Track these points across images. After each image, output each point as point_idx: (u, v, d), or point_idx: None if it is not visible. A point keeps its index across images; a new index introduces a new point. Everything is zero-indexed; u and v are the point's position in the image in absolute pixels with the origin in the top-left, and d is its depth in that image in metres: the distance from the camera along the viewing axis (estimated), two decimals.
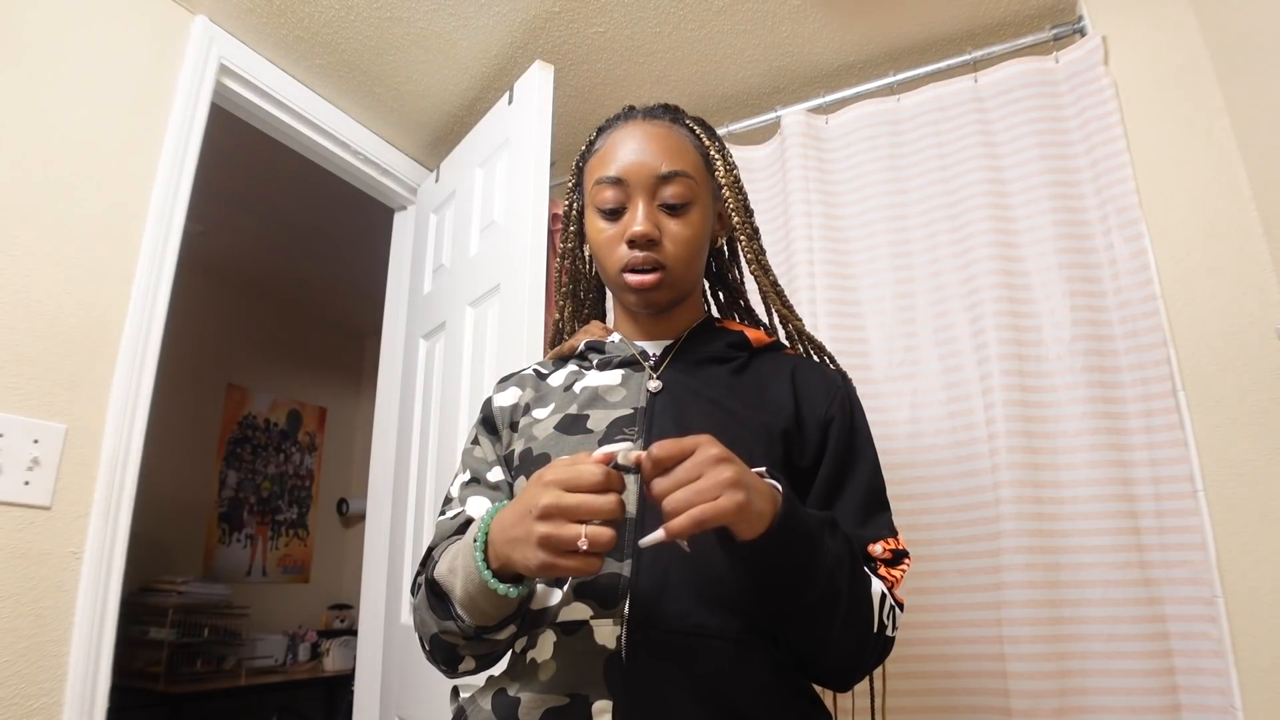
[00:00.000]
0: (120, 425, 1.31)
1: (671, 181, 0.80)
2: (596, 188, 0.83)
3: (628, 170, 0.80)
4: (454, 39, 1.67)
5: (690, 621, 0.68)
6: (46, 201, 1.26)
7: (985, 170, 1.44)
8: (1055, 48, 1.49)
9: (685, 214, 0.81)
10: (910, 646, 1.29)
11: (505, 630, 0.70)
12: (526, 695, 0.68)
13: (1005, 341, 1.33)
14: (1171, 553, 1.19)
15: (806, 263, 1.52)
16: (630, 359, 0.85)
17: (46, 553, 1.19)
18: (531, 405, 0.86)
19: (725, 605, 0.69)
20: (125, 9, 1.42)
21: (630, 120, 0.86)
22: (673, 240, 0.80)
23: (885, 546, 0.75)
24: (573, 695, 0.66)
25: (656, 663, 0.66)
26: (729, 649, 0.67)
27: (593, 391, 0.82)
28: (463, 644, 0.71)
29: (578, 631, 0.68)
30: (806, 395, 0.82)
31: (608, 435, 0.76)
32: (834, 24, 1.64)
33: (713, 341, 0.86)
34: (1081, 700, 1.16)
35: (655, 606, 0.68)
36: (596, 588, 0.70)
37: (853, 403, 0.85)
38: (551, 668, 0.68)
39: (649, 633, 0.67)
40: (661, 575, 0.69)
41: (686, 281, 0.84)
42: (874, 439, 0.86)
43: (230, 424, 3.40)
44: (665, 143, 0.82)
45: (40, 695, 1.15)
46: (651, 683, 0.65)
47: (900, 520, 1.33)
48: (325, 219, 2.81)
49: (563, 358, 0.92)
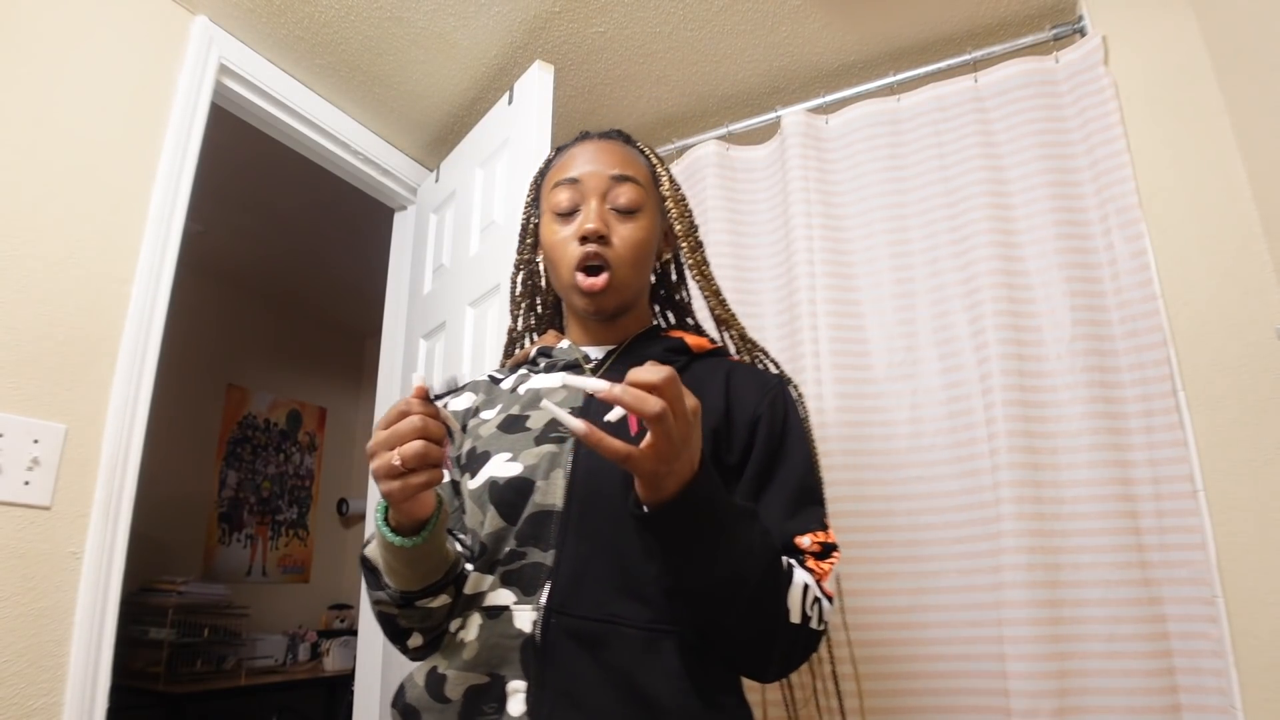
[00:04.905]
0: (120, 425, 1.31)
1: (622, 185, 0.87)
2: (553, 191, 0.89)
3: (583, 174, 0.87)
4: (454, 39, 1.67)
5: (605, 610, 0.71)
6: (47, 201, 1.26)
7: (985, 170, 1.44)
8: (1055, 48, 1.49)
9: (634, 218, 0.87)
10: (910, 646, 1.29)
11: (436, 599, 0.76)
12: (452, 672, 0.73)
13: (1005, 341, 1.33)
14: (1171, 553, 1.19)
15: (806, 263, 1.52)
16: (574, 362, 0.90)
17: (46, 553, 1.19)
18: (481, 408, 0.91)
19: (638, 596, 0.72)
20: (125, 9, 1.42)
21: (585, 140, 0.93)
22: (621, 240, 0.85)
23: (814, 539, 0.77)
24: (492, 675, 0.71)
25: (570, 647, 0.70)
26: (640, 637, 0.71)
27: (534, 393, 0.87)
28: (397, 613, 0.77)
29: (500, 615, 0.73)
30: (738, 396, 0.85)
31: (543, 434, 0.80)
32: (834, 24, 1.64)
33: (652, 346, 0.90)
34: (1081, 700, 1.16)
35: (572, 595, 0.72)
36: (521, 576, 0.74)
37: (786, 402, 0.87)
38: (475, 648, 0.73)
39: (564, 619, 0.71)
40: (581, 566, 0.73)
41: (632, 285, 0.88)
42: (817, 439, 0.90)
43: (230, 424, 3.40)
44: (617, 154, 0.90)
45: (40, 695, 1.15)
46: (564, 666, 0.69)
47: (900, 520, 1.35)
48: (325, 219, 2.81)
49: (518, 364, 0.97)
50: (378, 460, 0.64)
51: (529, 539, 0.75)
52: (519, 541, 0.75)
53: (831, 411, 1.42)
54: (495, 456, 0.80)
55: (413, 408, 0.64)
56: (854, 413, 1.42)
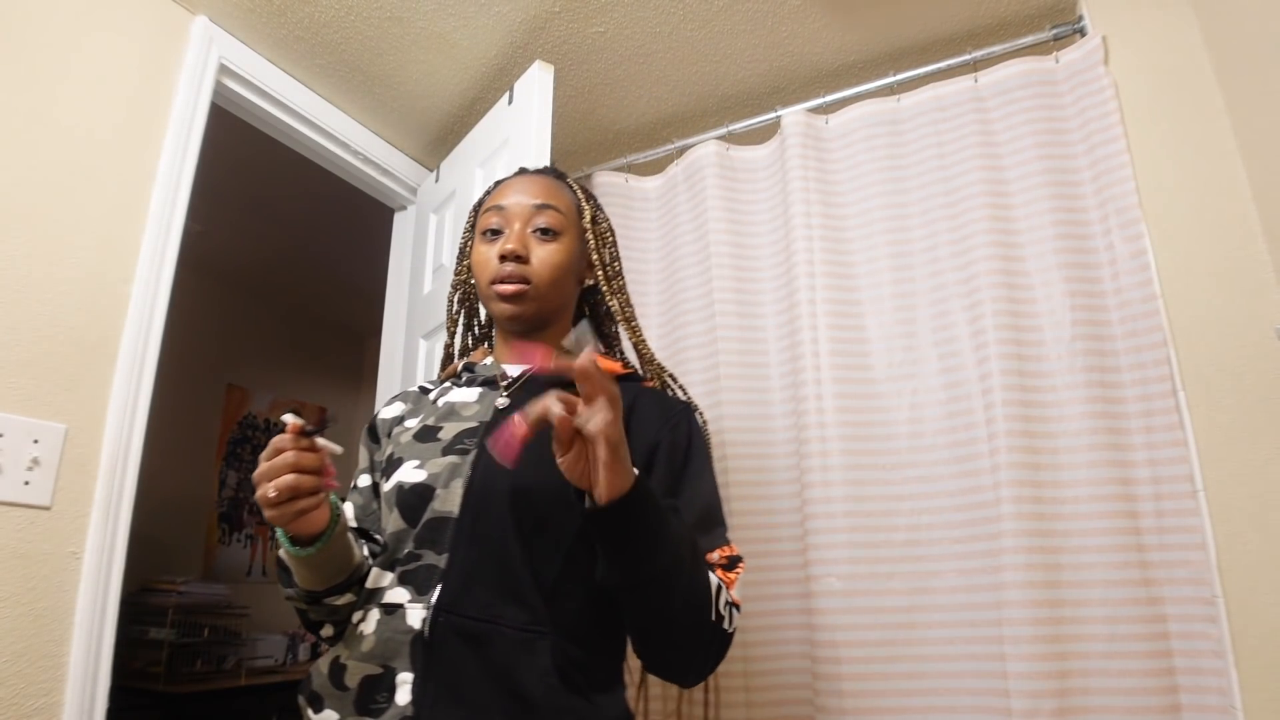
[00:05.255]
0: (120, 425, 1.31)
1: (544, 212, 0.95)
2: (484, 216, 0.98)
3: (509, 201, 0.97)
4: (454, 39, 1.67)
5: (489, 611, 0.77)
6: (46, 201, 1.26)
7: (985, 170, 1.44)
8: (1055, 48, 1.48)
9: (553, 240, 0.95)
10: (910, 646, 1.29)
11: (341, 598, 0.84)
12: (351, 663, 0.79)
13: (1005, 341, 1.33)
14: (1171, 553, 1.19)
15: (806, 263, 1.52)
16: (491, 379, 0.96)
17: (46, 553, 1.19)
18: (406, 417, 0.98)
19: (520, 599, 0.78)
20: (125, 9, 1.42)
21: (519, 174, 1.04)
22: (539, 260, 0.93)
23: (721, 554, 0.84)
24: (385, 666, 0.77)
25: (455, 644, 0.76)
26: (519, 637, 0.76)
27: (450, 406, 0.94)
28: (306, 607, 0.85)
29: (395, 612, 0.79)
30: (640, 420, 0.89)
31: (451, 445, 0.87)
32: (834, 24, 1.64)
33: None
34: (1081, 700, 1.16)
35: (460, 596, 0.78)
36: (416, 576, 0.80)
37: (690, 428, 0.92)
38: (371, 641, 0.79)
39: (451, 618, 0.77)
40: (470, 569, 0.79)
41: (549, 298, 0.95)
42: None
43: (230, 424, 3.40)
44: (543, 185, 0.99)
45: (40, 695, 1.15)
46: (449, 661, 0.76)
47: (900, 520, 1.35)
48: (325, 219, 2.81)
49: (449, 378, 1.03)
50: (258, 492, 0.71)
51: (426, 542, 0.82)
52: (416, 544, 0.82)
53: (831, 411, 1.42)
54: (406, 463, 0.87)
55: (284, 445, 0.71)
56: (854, 413, 1.42)
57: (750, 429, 1.52)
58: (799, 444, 1.45)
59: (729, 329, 1.58)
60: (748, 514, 1.47)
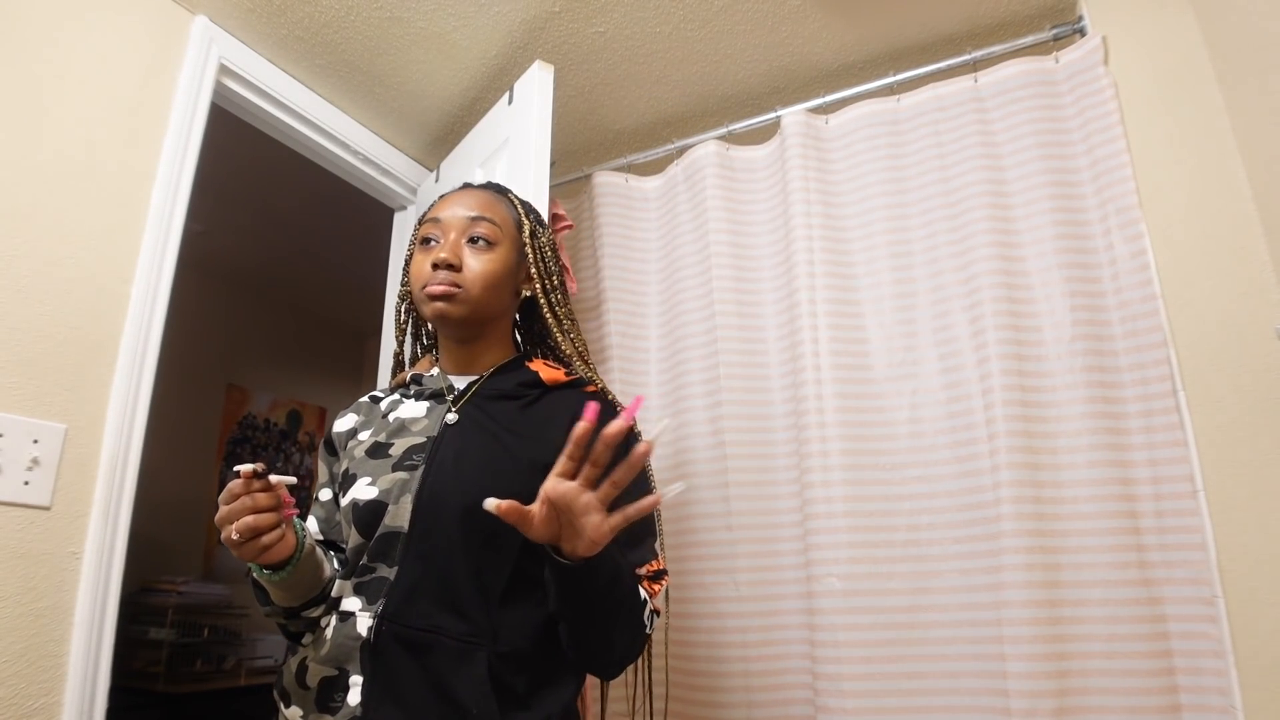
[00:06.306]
0: (120, 425, 1.31)
1: (479, 224, 0.99)
2: (422, 228, 1.01)
3: (445, 214, 1.00)
4: (454, 39, 1.67)
5: (429, 621, 0.82)
6: (47, 201, 1.26)
7: (985, 170, 1.44)
8: (1055, 48, 1.48)
9: (487, 250, 0.98)
10: (911, 646, 1.29)
11: (317, 610, 0.89)
12: (313, 665, 0.85)
13: (1005, 341, 1.33)
14: (1171, 553, 1.19)
15: (806, 263, 1.52)
16: (439, 392, 0.99)
17: (46, 553, 1.19)
18: (359, 429, 1.01)
19: (459, 611, 0.83)
20: (125, 9, 1.42)
21: (461, 189, 1.06)
22: (470, 270, 0.96)
23: (649, 568, 0.90)
24: (340, 669, 0.83)
25: (397, 652, 0.81)
26: (457, 648, 0.81)
27: (401, 422, 0.97)
28: (285, 622, 0.90)
29: (348, 619, 0.85)
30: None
31: (401, 460, 0.91)
32: (834, 24, 1.64)
33: (509, 380, 0.99)
34: (1081, 700, 1.16)
35: (405, 606, 0.83)
36: (369, 587, 0.85)
37: (627, 440, 0.93)
38: (329, 645, 0.85)
39: (394, 627, 0.82)
40: (415, 581, 0.84)
41: (483, 304, 0.97)
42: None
43: (230, 424, 3.40)
44: (480, 199, 1.02)
45: (40, 695, 1.15)
46: (391, 668, 0.81)
47: (900, 520, 1.35)
48: (325, 219, 2.80)
49: (398, 387, 1.06)
50: (223, 534, 0.76)
51: (378, 555, 0.86)
52: (370, 557, 0.87)
53: (831, 411, 1.42)
54: (359, 480, 0.91)
55: (238, 490, 0.76)
56: (854, 413, 1.42)
57: (750, 429, 1.52)
58: (799, 444, 1.45)
59: (729, 329, 1.58)
60: (748, 514, 1.47)
